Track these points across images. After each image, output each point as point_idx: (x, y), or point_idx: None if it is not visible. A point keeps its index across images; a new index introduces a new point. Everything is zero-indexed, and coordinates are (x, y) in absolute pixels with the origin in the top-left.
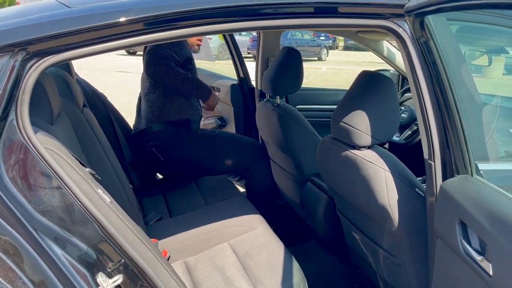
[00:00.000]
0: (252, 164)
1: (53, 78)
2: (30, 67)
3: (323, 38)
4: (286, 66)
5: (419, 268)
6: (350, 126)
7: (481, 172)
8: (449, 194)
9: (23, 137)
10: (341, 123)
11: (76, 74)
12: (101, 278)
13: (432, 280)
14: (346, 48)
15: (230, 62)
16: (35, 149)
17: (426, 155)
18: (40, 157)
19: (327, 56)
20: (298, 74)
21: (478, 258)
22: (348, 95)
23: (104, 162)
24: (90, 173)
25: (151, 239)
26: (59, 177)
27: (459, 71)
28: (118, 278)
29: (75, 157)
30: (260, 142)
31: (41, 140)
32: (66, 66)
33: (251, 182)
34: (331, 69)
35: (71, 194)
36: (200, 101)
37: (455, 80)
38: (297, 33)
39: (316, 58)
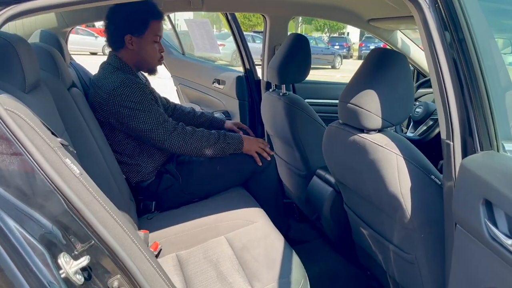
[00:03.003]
0: (253, 172)
1: (35, 50)
2: None
3: (337, 47)
4: (293, 53)
5: (434, 265)
6: (359, 107)
7: (507, 152)
8: (471, 171)
9: None
10: (348, 104)
11: (72, 59)
12: (63, 259)
13: (450, 274)
14: (360, 57)
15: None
16: None
17: (443, 135)
18: None
19: (341, 64)
20: (305, 61)
21: (508, 242)
22: (358, 74)
23: (90, 145)
24: (62, 144)
25: (141, 231)
26: (19, 141)
27: (485, 36)
28: (84, 260)
29: (45, 126)
30: (266, 137)
31: (3, 101)
32: (57, 45)
33: (255, 187)
34: (345, 77)
35: (32, 162)
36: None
37: (481, 43)
38: (311, 41)
39: (330, 66)
